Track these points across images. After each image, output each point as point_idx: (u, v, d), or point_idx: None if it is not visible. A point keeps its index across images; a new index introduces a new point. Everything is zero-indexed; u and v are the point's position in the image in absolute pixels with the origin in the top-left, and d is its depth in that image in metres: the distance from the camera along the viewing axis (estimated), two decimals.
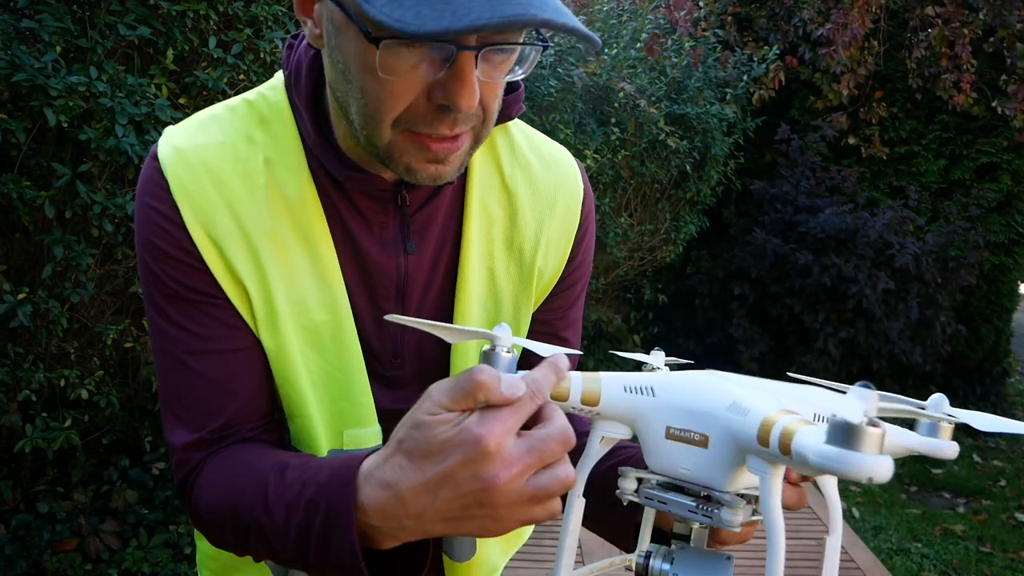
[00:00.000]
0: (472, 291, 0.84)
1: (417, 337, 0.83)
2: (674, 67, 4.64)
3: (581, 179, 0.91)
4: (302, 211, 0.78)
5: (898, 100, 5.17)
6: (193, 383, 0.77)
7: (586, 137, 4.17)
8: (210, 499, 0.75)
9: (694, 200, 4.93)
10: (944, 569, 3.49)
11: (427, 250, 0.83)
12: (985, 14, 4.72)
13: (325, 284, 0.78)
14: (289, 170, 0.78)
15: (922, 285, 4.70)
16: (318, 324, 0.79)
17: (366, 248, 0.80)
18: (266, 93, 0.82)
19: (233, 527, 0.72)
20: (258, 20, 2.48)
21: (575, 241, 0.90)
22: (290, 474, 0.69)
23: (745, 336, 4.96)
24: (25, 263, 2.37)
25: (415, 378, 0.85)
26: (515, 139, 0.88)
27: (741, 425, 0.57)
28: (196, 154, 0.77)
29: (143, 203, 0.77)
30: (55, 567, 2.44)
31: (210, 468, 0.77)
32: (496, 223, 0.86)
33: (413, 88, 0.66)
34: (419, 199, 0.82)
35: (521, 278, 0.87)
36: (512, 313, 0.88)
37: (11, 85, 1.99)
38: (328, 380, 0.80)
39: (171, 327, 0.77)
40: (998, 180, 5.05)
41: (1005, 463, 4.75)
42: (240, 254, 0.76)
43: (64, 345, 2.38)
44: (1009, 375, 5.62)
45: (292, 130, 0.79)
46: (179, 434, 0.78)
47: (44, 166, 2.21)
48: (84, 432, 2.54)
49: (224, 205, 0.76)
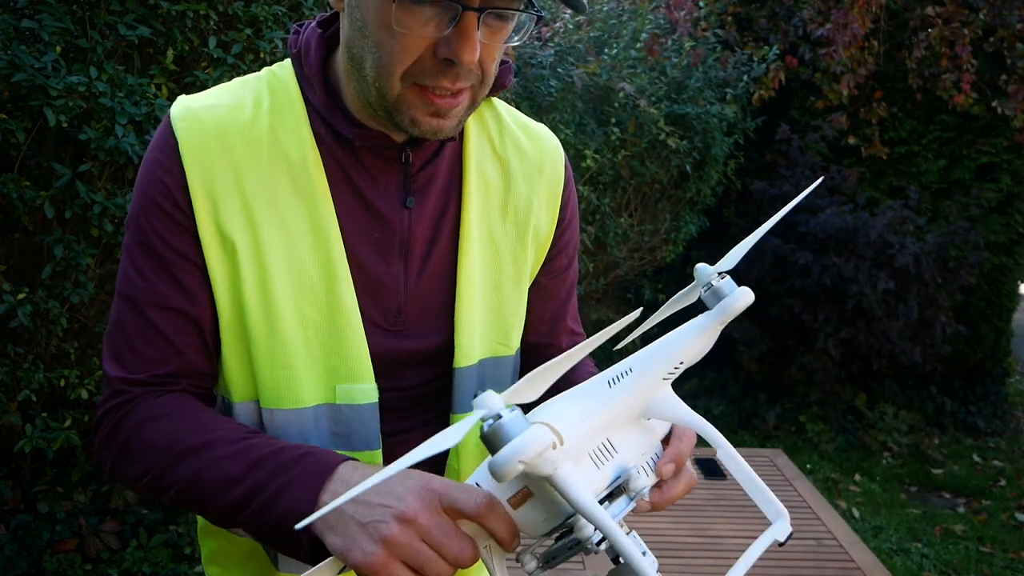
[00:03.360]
0: (474, 249, 0.91)
1: (421, 291, 0.89)
2: (674, 67, 4.64)
3: (558, 144, 1.02)
4: (303, 173, 0.84)
5: (898, 100, 5.17)
6: (144, 331, 0.83)
7: (586, 137, 4.17)
8: (141, 435, 0.80)
9: (694, 200, 4.93)
10: (944, 569, 3.49)
11: (428, 208, 0.89)
12: (985, 14, 4.72)
13: (321, 241, 0.83)
14: (292, 135, 0.84)
15: (922, 285, 4.70)
16: (313, 281, 0.83)
17: (374, 202, 0.87)
18: (275, 70, 0.89)
19: (163, 464, 0.77)
20: (258, 20, 2.48)
21: (562, 200, 1.00)
22: (261, 440, 0.76)
23: (745, 336, 4.96)
24: (25, 263, 2.37)
25: (419, 329, 0.90)
26: (500, 114, 0.98)
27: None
28: (207, 113, 0.83)
29: (151, 155, 0.84)
30: (55, 567, 2.44)
31: (146, 406, 0.81)
32: (492, 187, 0.94)
33: (422, 43, 0.74)
34: (422, 158, 0.89)
35: (518, 236, 0.95)
36: (512, 269, 0.95)
37: (11, 85, 1.99)
38: (322, 334, 0.84)
39: (137, 276, 0.83)
40: (998, 180, 5.05)
41: (1005, 463, 4.76)
42: (235, 212, 0.81)
43: (64, 345, 2.38)
44: (1009, 375, 5.62)
45: (298, 100, 0.86)
46: (116, 369, 0.84)
47: (44, 166, 2.21)
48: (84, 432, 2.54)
49: (228, 164, 0.82)
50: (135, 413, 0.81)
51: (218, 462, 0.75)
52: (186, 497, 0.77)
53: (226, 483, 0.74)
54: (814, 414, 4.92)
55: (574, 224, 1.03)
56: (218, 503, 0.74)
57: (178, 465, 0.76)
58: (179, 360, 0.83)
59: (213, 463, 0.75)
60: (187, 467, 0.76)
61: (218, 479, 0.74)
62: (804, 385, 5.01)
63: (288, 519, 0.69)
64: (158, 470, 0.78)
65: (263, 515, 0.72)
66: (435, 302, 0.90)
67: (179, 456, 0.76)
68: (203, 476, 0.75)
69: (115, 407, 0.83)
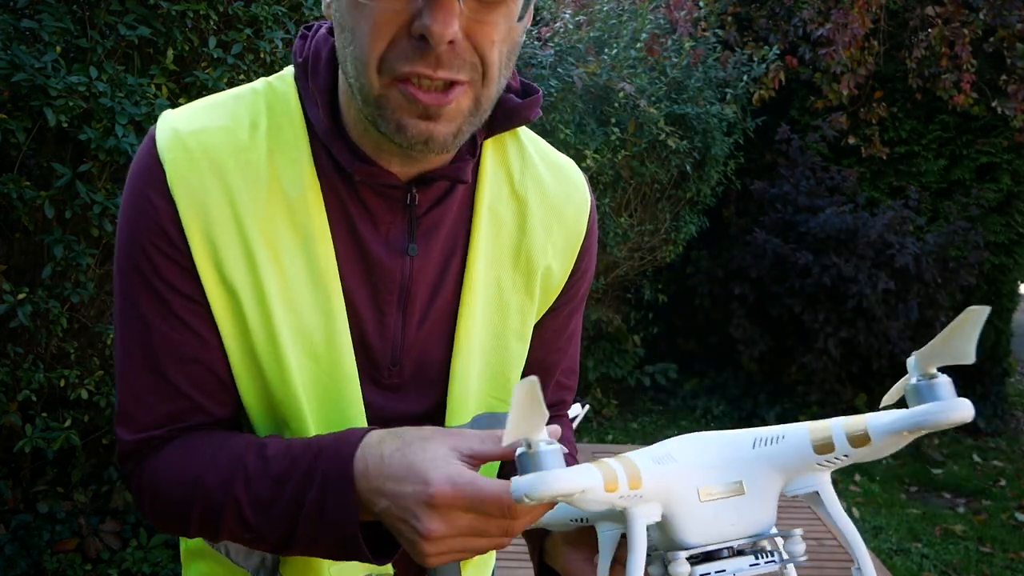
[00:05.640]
0: (477, 302, 0.82)
1: (418, 345, 0.81)
2: (674, 67, 4.64)
3: (587, 190, 0.90)
4: (303, 209, 0.74)
5: (898, 100, 5.17)
6: (158, 388, 0.75)
7: (586, 137, 4.17)
8: (169, 483, 0.73)
9: (694, 200, 4.93)
10: (944, 569, 3.49)
11: (434, 255, 0.80)
12: (985, 14, 4.72)
13: (320, 287, 0.75)
14: (292, 164, 0.75)
15: (922, 285, 4.70)
16: (311, 329, 0.75)
17: (372, 248, 0.77)
18: (274, 83, 0.79)
19: (199, 511, 0.72)
20: (258, 20, 2.48)
21: (580, 251, 0.88)
22: (272, 450, 0.71)
23: (745, 336, 4.96)
24: (25, 263, 2.37)
25: (414, 386, 0.82)
26: (525, 146, 0.87)
27: (782, 451, 0.60)
28: (196, 139, 0.73)
29: (137, 191, 0.73)
30: (55, 567, 2.44)
31: (170, 450, 0.75)
32: (504, 231, 0.83)
33: (393, 21, 0.64)
34: (428, 200, 0.79)
35: (527, 287, 0.85)
36: (518, 322, 0.85)
37: (11, 85, 1.99)
38: (319, 387, 0.77)
39: (140, 325, 0.74)
40: (998, 180, 5.05)
41: (1005, 463, 4.75)
42: (235, 253, 0.73)
43: (64, 345, 2.38)
44: (1009, 375, 5.62)
45: (299, 122, 0.76)
46: (128, 433, 0.76)
47: (44, 166, 2.21)
48: (84, 432, 2.54)
49: (223, 197, 0.72)
50: (158, 464, 0.76)
51: (246, 484, 0.71)
52: (247, 534, 0.73)
53: (265, 505, 0.70)
54: (814, 414, 4.92)
55: (588, 276, 0.92)
56: (262, 530, 0.71)
57: (219, 519, 0.71)
58: (201, 415, 0.76)
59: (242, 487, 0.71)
60: (229, 520, 0.71)
61: (255, 505, 0.70)
62: (804, 385, 5.01)
63: (343, 534, 0.67)
64: (196, 532, 0.73)
65: (317, 534, 0.69)
66: (433, 356, 0.82)
67: (217, 508, 0.71)
68: (240, 505, 0.71)
69: (134, 465, 0.78)
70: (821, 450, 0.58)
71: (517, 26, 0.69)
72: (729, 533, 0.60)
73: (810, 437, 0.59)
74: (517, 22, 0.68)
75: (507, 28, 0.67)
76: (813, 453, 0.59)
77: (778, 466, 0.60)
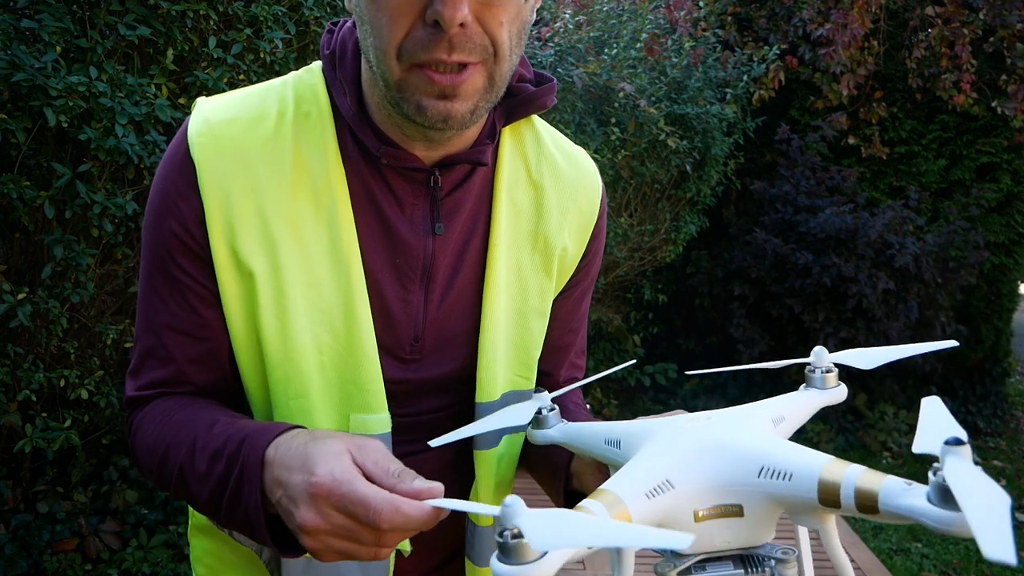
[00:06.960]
0: (500, 279, 0.86)
1: (438, 322, 0.86)
2: (674, 67, 4.63)
3: (598, 176, 0.96)
4: (327, 193, 0.79)
5: (898, 100, 5.17)
6: (157, 352, 0.82)
7: (586, 137, 4.17)
8: (146, 437, 0.80)
9: (694, 200, 4.93)
10: (944, 569, 3.49)
11: (455, 235, 0.85)
12: (985, 14, 4.72)
13: (341, 267, 0.80)
14: (316, 150, 0.80)
15: (922, 285, 4.70)
16: (331, 306, 0.80)
17: (397, 227, 0.82)
18: (302, 75, 0.84)
19: (160, 467, 0.78)
20: (258, 20, 2.48)
21: (592, 232, 0.94)
22: (218, 428, 0.75)
23: (745, 336, 4.96)
24: (25, 263, 2.37)
25: (432, 360, 0.87)
26: (541, 135, 0.92)
27: (786, 492, 0.57)
28: (227, 130, 0.78)
29: (168, 172, 0.79)
30: (55, 567, 2.44)
31: (153, 407, 0.82)
32: (523, 215, 0.89)
33: (408, 10, 0.70)
34: (451, 183, 0.84)
35: (545, 267, 0.90)
36: (538, 300, 0.90)
37: (11, 85, 1.99)
38: (339, 362, 0.81)
39: (153, 295, 0.81)
40: (998, 180, 5.05)
41: (1005, 463, 4.76)
42: (254, 237, 0.78)
43: (64, 345, 2.38)
44: (1009, 375, 5.62)
45: (326, 110, 0.81)
46: (131, 387, 0.84)
47: (44, 166, 2.21)
48: (84, 432, 2.54)
49: (248, 186, 0.78)
50: (141, 420, 0.83)
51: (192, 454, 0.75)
52: (189, 501, 0.77)
53: (202, 477, 0.74)
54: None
55: (598, 258, 0.98)
56: (200, 499, 0.74)
57: (171, 482, 0.77)
58: (189, 386, 0.83)
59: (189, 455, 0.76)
60: (178, 485, 0.76)
61: (194, 474, 0.74)
62: None
63: (250, 519, 0.69)
64: (164, 490, 0.79)
65: (234, 513, 0.71)
66: (455, 332, 0.87)
67: (171, 471, 0.77)
68: (184, 471, 0.76)
69: (128, 418, 0.86)
70: (827, 503, 0.55)
71: (525, 5, 0.74)
72: (721, 548, 0.59)
73: (819, 486, 0.55)
74: (525, 1, 0.73)
75: (516, 8, 0.72)
76: (818, 504, 0.55)
77: (781, 503, 0.58)
